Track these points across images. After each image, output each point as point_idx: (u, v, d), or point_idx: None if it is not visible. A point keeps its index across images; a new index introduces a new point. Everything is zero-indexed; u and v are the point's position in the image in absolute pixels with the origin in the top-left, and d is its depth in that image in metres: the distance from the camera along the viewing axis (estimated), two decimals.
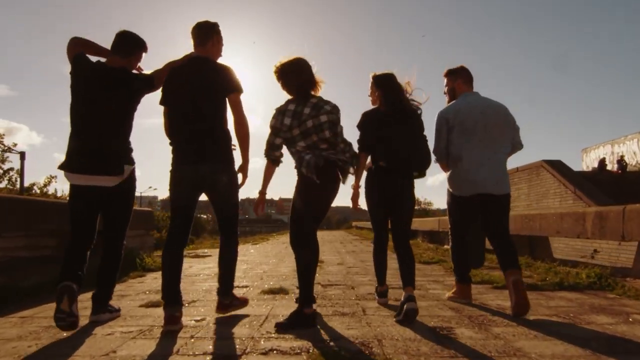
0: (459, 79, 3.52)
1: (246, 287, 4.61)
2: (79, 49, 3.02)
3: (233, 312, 3.22)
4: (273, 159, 2.99)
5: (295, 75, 2.94)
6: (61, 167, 2.90)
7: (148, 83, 3.05)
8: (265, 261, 7.55)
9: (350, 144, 3.07)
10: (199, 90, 2.88)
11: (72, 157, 2.89)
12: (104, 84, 2.91)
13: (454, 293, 3.64)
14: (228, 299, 3.14)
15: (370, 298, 3.85)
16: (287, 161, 3.02)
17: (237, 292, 3.58)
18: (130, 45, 3.06)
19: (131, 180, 3.05)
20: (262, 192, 3.06)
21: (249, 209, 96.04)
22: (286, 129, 2.84)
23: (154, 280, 5.11)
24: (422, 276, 5.20)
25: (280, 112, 2.89)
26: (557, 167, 18.44)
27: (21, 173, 18.15)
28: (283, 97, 3.03)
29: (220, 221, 3.10)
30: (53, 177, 21.93)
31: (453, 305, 3.47)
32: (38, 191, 21.44)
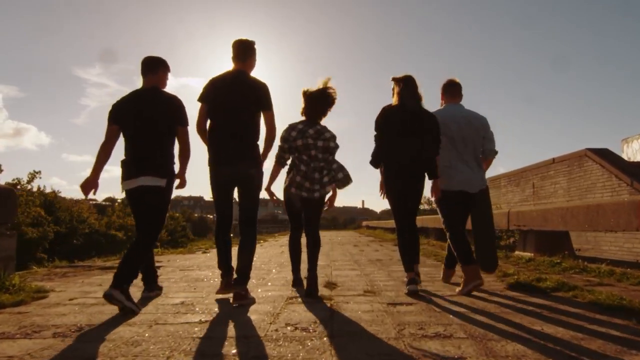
0: (447, 93, 3.77)
1: None
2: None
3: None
4: (281, 162, 3.52)
5: (320, 104, 3.43)
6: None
7: (180, 120, 3.18)
8: None
9: (342, 167, 3.41)
10: (241, 101, 3.14)
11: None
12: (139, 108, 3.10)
13: (464, 282, 3.37)
14: (243, 289, 3.00)
15: None
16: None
17: None
18: (154, 64, 3.23)
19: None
20: (268, 189, 3.50)
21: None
22: (292, 140, 3.34)
23: None
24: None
25: (291, 127, 3.42)
26: (606, 156, 14.79)
27: None
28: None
29: (243, 217, 3.17)
30: (37, 173, 19.57)
31: None
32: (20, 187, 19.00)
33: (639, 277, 3.78)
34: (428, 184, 3.57)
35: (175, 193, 3.29)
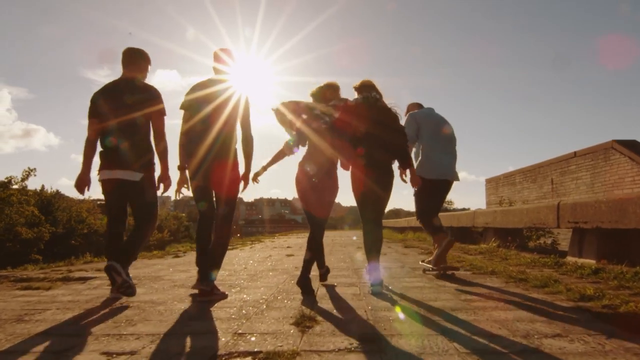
0: (415, 108, 4.34)
1: None
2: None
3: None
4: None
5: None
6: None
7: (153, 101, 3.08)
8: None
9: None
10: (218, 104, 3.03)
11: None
12: (118, 97, 3.02)
13: (436, 242, 4.04)
14: (209, 286, 2.96)
15: None
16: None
17: None
18: (135, 55, 3.14)
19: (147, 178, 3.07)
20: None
21: (263, 209, 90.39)
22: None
23: None
24: None
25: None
26: (636, 147, 13.11)
27: None
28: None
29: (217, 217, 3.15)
30: (32, 170, 18.47)
31: None
32: (16, 186, 17.89)
33: None
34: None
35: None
